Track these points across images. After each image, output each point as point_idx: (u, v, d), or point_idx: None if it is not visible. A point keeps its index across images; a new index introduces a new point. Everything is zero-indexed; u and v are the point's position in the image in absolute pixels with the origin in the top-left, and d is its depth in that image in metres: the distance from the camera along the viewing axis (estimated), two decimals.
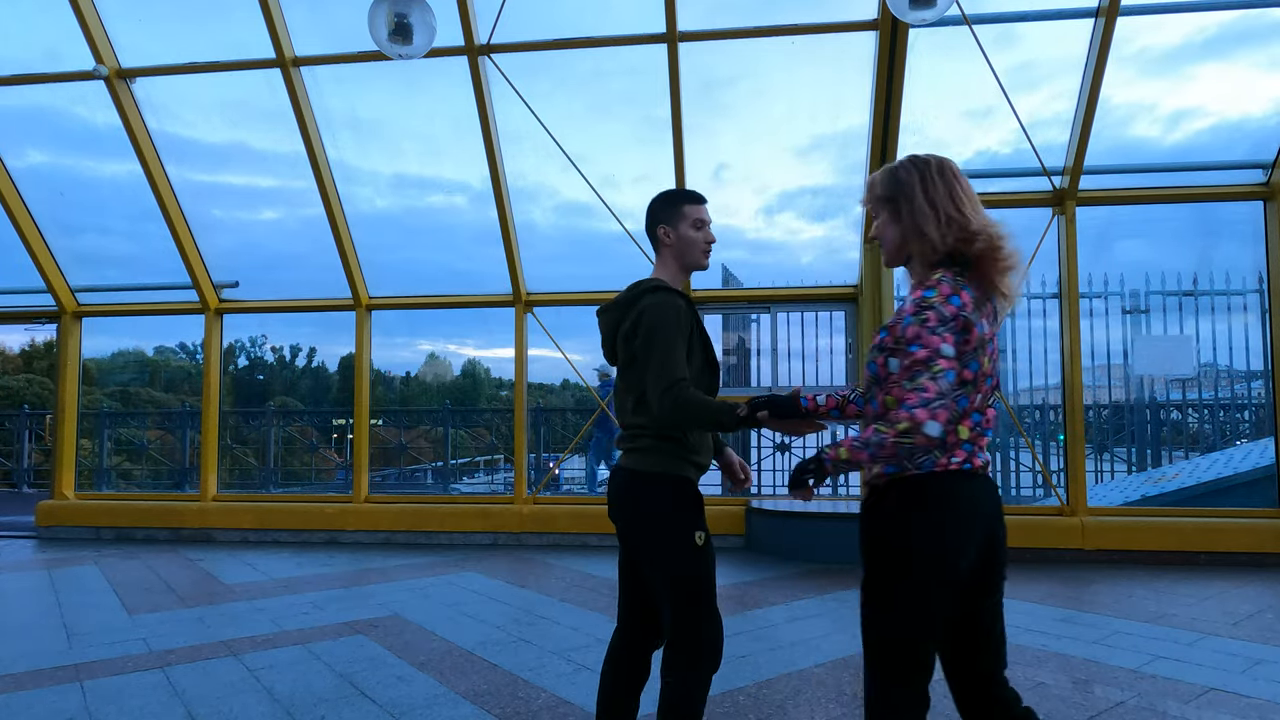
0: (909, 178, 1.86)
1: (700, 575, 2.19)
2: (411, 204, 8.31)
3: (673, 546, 2.20)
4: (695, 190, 2.45)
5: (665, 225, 2.39)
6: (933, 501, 1.79)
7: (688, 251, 2.38)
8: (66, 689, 3.44)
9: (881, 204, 1.92)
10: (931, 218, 1.81)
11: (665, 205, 2.41)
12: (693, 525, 2.21)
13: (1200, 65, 6.63)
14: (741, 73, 6.77)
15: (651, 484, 2.24)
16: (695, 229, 2.37)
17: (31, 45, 6.85)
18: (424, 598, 5.00)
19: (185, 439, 12.07)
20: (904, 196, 1.86)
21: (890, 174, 1.91)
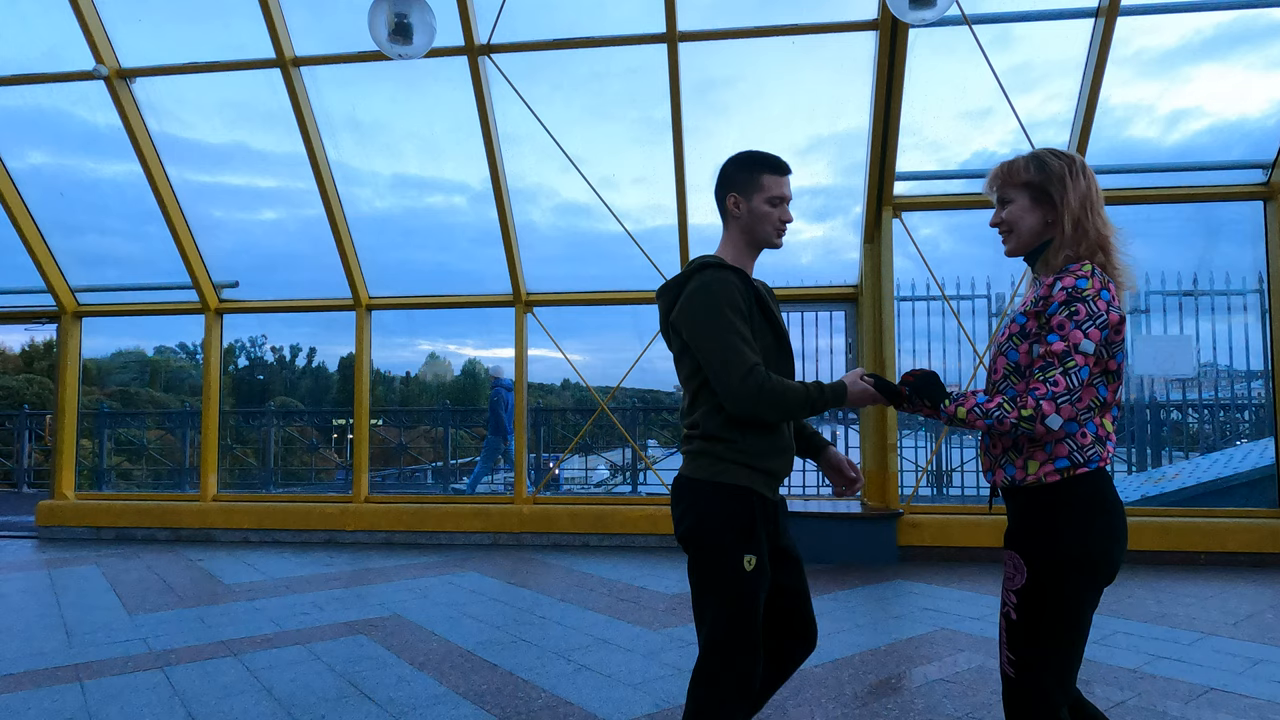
0: (1060, 167, 1.86)
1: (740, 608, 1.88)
2: (411, 205, 8.30)
3: (716, 567, 1.91)
4: (779, 157, 2.07)
5: (736, 194, 2.05)
6: (1101, 504, 1.79)
7: (757, 227, 2.04)
8: (66, 689, 3.44)
9: (1022, 189, 1.89)
10: (1081, 210, 1.82)
11: (740, 170, 2.06)
12: (741, 547, 1.89)
13: (1197, 66, 6.65)
14: (740, 74, 6.78)
15: (699, 494, 1.96)
16: (771, 205, 2.03)
17: (31, 46, 6.85)
18: (424, 598, 5.00)
19: (185, 439, 12.09)
20: (1055, 184, 1.84)
21: (1038, 160, 1.89)
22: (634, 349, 6.97)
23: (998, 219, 1.95)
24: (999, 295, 8.28)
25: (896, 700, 3.23)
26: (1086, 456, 1.77)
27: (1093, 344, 1.71)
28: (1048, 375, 1.71)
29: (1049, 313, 1.75)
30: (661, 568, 5.86)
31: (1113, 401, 1.81)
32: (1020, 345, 1.81)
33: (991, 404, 1.76)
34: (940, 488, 9.99)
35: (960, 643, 3.99)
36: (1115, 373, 1.78)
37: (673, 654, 3.84)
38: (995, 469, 1.89)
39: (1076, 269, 1.78)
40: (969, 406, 1.79)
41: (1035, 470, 1.80)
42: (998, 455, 1.88)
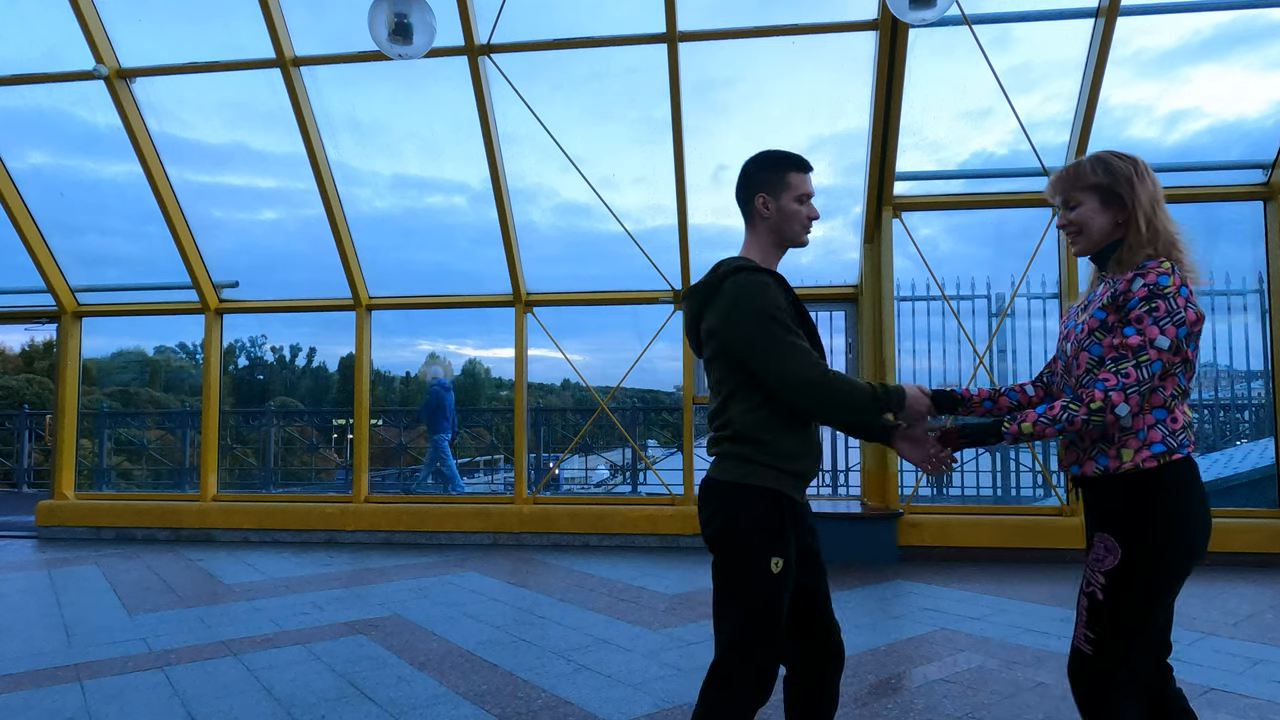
0: (1125, 168, 1.91)
1: (762, 611, 1.88)
2: (411, 205, 8.30)
3: (742, 569, 1.91)
4: (801, 155, 2.08)
5: (765, 194, 2.04)
6: (1196, 489, 1.84)
7: (786, 226, 2.05)
8: (66, 689, 3.44)
9: (1091, 191, 1.93)
10: (1151, 211, 1.87)
11: (766, 169, 2.05)
12: (768, 549, 1.89)
13: (1196, 67, 6.66)
14: (740, 74, 6.78)
15: (727, 495, 1.95)
16: (799, 202, 2.03)
17: (31, 46, 6.85)
18: (424, 598, 5.00)
19: (185, 439, 12.09)
20: (1123, 185, 1.89)
21: (1103, 162, 1.93)
22: (634, 349, 6.98)
23: (1065, 221, 1.99)
24: (999, 295, 8.27)
25: (896, 700, 3.23)
26: (1179, 441, 1.83)
27: (1168, 340, 1.76)
28: (1120, 367, 1.77)
29: (1128, 307, 1.80)
30: (661, 568, 5.86)
31: (1188, 389, 1.88)
32: (1103, 339, 1.86)
33: (1054, 410, 1.82)
34: (940, 488, 9.98)
35: (960, 643, 3.99)
36: (1191, 362, 1.85)
37: (673, 654, 3.84)
38: (1084, 461, 1.91)
39: (1156, 265, 1.82)
40: (1032, 420, 1.85)
41: (1130, 458, 1.84)
42: (1087, 447, 1.90)
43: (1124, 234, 1.90)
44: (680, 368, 6.89)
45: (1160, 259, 1.84)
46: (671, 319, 6.87)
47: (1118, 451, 1.85)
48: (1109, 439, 1.86)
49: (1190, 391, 1.87)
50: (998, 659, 3.72)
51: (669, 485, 7.03)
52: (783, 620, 1.92)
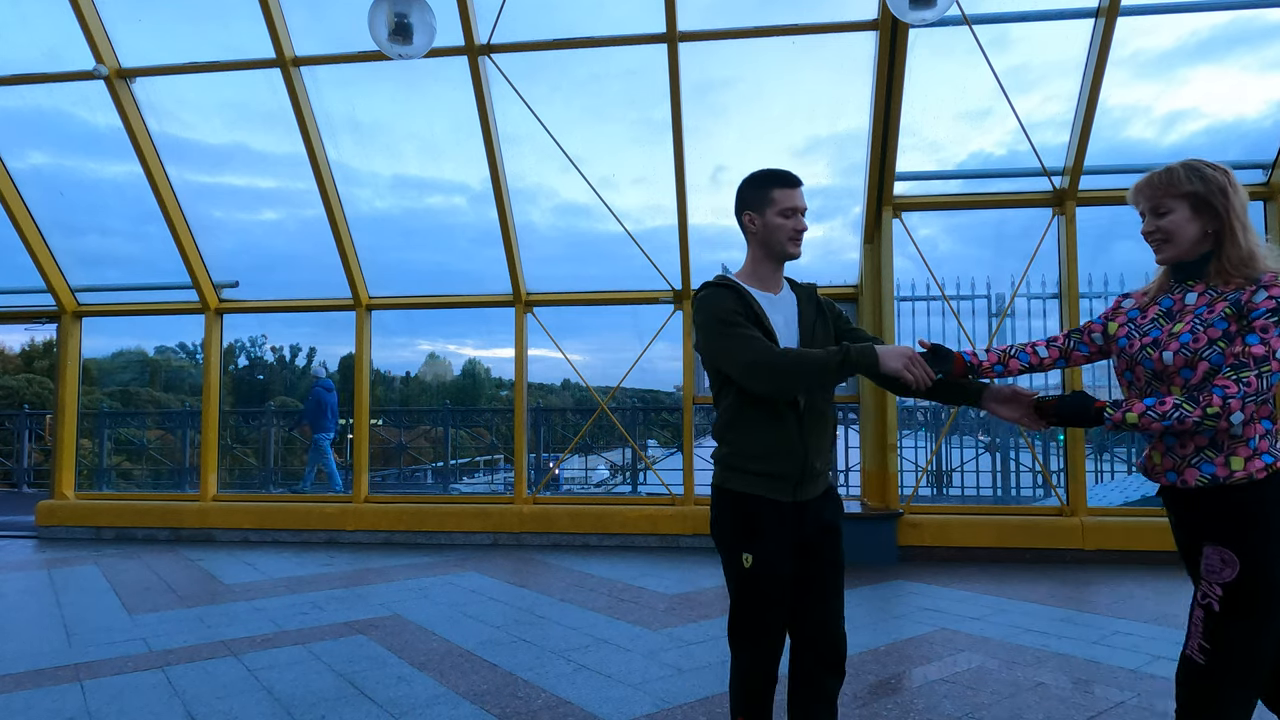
0: (1221, 178, 1.88)
1: (740, 601, 2.08)
2: (411, 205, 8.31)
3: (726, 563, 2.12)
4: (788, 172, 2.17)
5: (750, 211, 2.17)
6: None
7: (773, 239, 2.15)
8: (66, 689, 3.44)
9: (1183, 200, 1.91)
10: (1243, 222, 1.87)
11: (751, 189, 2.18)
12: (739, 546, 2.06)
13: (1194, 68, 6.67)
14: (738, 75, 6.78)
15: (714, 498, 2.17)
16: (784, 217, 2.13)
17: (32, 46, 6.85)
18: (424, 598, 5.00)
19: (185, 439, 12.09)
20: (1217, 195, 1.88)
21: (1197, 170, 1.91)
22: (634, 349, 6.98)
23: (1153, 227, 1.97)
24: (999, 295, 8.27)
25: (896, 700, 3.23)
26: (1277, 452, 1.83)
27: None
28: (1241, 375, 1.75)
29: (1253, 316, 1.78)
30: (661, 568, 5.86)
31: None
32: (1225, 349, 1.83)
33: (1165, 406, 1.80)
34: (940, 488, 9.99)
35: (960, 643, 3.99)
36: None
37: (673, 654, 3.85)
38: (1184, 469, 1.88)
39: (1275, 279, 1.81)
40: (1139, 412, 1.83)
41: (1242, 467, 1.81)
42: (1188, 455, 1.87)
43: (1212, 245, 1.89)
44: (680, 368, 6.89)
45: (1276, 274, 1.82)
46: (671, 319, 6.88)
47: (1226, 460, 1.82)
48: (1217, 446, 1.84)
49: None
50: (998, 659, 3.72)
51: (669, 485, 7.03)
52: (768, 609, 2.06)
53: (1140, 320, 1.99)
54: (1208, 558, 1.87)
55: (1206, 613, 1.87)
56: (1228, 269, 1.87)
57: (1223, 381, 1.77)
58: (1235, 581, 1.81)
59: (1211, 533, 1.87)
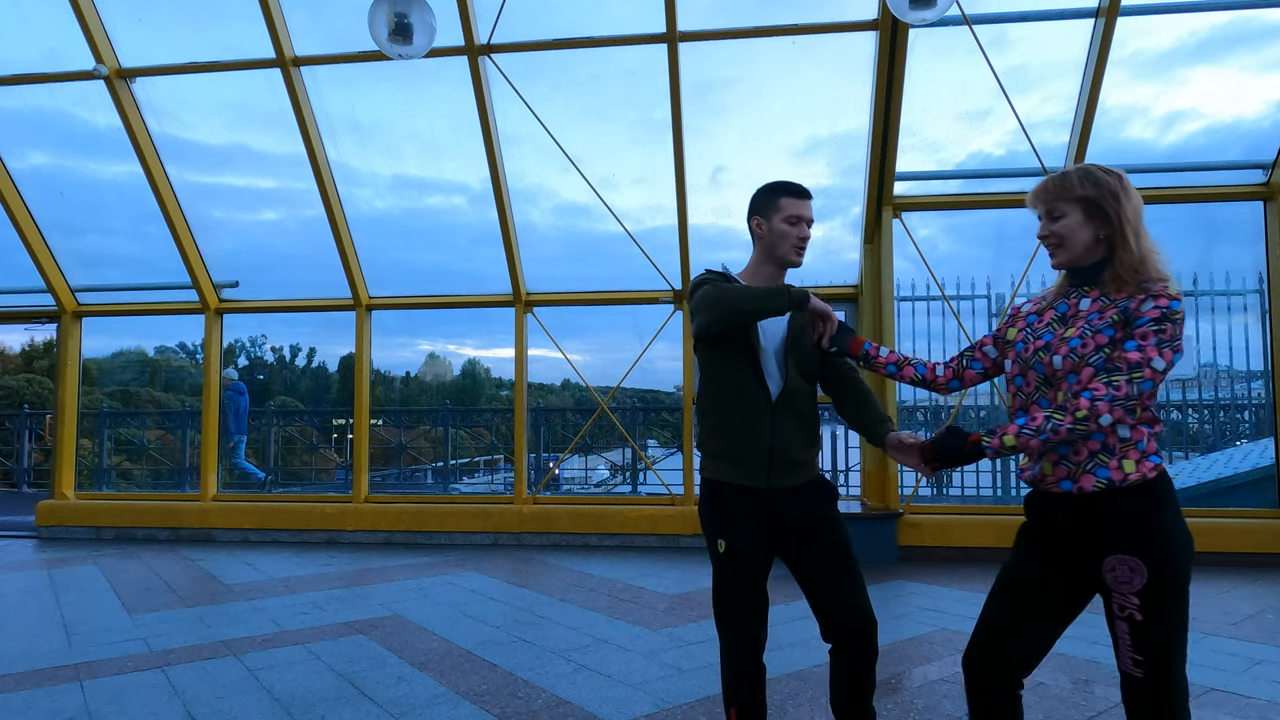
0: (1114, 183, 1.89)
1: (716, 584, 2.23)
2: (411, 205, 8.31)
3: (709, 551, 2.27)
4: (798, 184, 2.30)
5: (758, 217, 2.31)
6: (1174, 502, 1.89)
7: (777, 245, 2.28)
8: (66, 689, 3.44)
9: (1076, 204, 1.92)
10: (1135, 228, 1.86)
11: (762, 196, 2.32)
12: (713, 531, 2.23)
13: (1193, 68, 6.67)
14: (738, 75, 6.78)
15: (700, 486, 2.34)
16: (789, 224, 2.26)
17: (32, 47, 6.86)
18: (424, 598, 5.00)
19: (185, 439, 12.09)
20: (1109, 200, 1.88)
21: (1090, 175, 1.91)
22: (634, 349, 6.98)
23: (1047, 231, 1.97)
24: (999, 295, 8.27)
25: (896, 700, 3.23)
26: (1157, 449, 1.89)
27: (1164, 364, 1.78)
28: (1112, 379, 1.78)
29: (1137, 324, 1.80)
30: (661, 568, 5.86)
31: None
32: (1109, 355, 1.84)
33: (1037, 421, 1.82)
34: (940, 488, 9.99)
35: (960, 643, 3.99)
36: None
37: (672, 654, 3.85)
38: (1079, 476, 1.87)
39: (1166, 290, 1.81)
40: (1014, 433, 1.84)
41: (1134, 469, 1.83)
42: (1082, 461, 1.87)
43: (1105, 251, 1.90)
44: (680, 368, 6.89)
45: (1166, 283, 1.83)
46: (671, 319, 6.88)
47: (1119, 463, 1.83)
48: (1109, 450, 1.84)
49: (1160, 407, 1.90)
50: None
51: (669, 485, 7.03)
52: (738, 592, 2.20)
53: (1036, 324, 2.01)
54: (1115, 569, 1.87)
55: (1130, 625, 1.88)
56: (1121, 274, 1.87)
57: (1092, 385, 1.80)
58: (1147, 587, 1.83)
59: (1112, 542, 1.86)
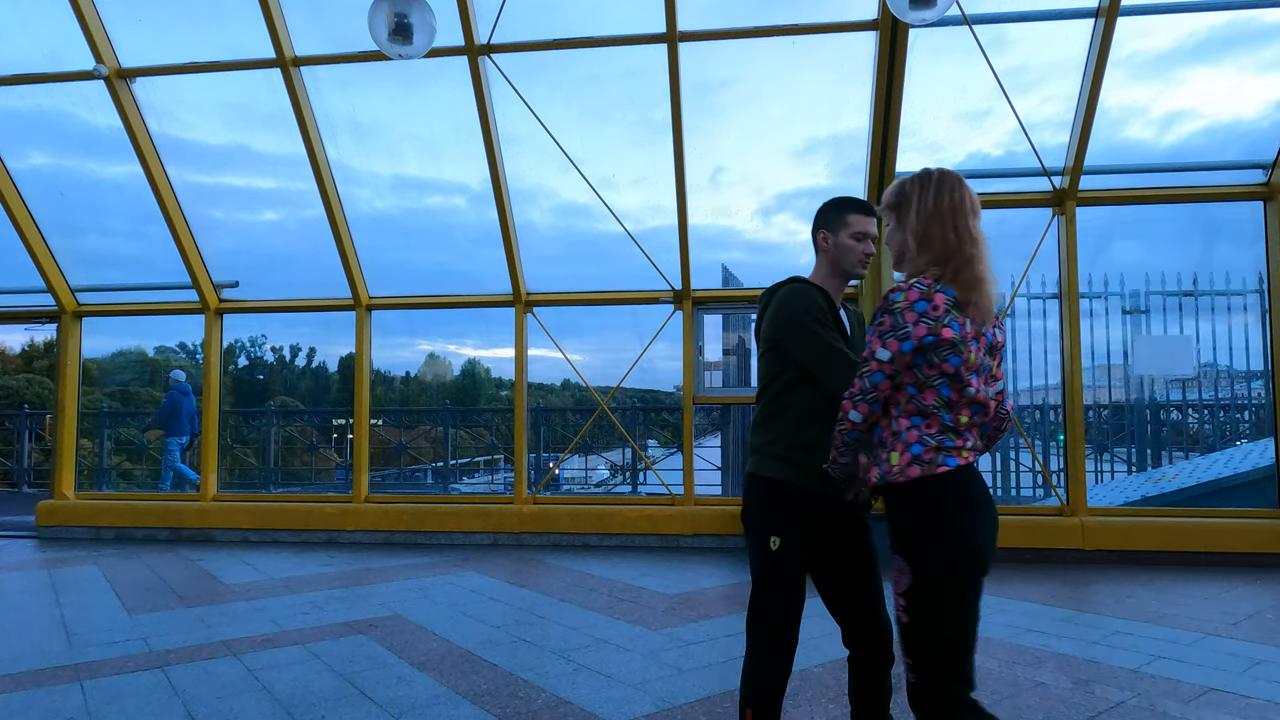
0: (912, 190, 2.00)
1: (764, 582, 2.23)
2: (411, 205, 8.32)
3: (752, 549, 2.27)
4: (866, 201, 2.40)
5: (825, 230, 2.37)
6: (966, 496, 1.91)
7: (843, 259, 2.34)
8: (66, 689, 3.44)
9: (890, 212, 2.06)
10: (925, 224, 1.94)
11: (830, 211, 2.38)
12: (766, 529, 2.24)
13: (1191, 69, 6.68)
14: (737, 75, 6.78)
15: (748, 484, 2.34)
16: (855, 239, 2.33)
17: (33, 47, 6.86)
18: (424, 598, 5.00)
19: None
20: (904, 204, 2.01)
21: (899, 184, 2.05)
22: (634, 349, 6.98)
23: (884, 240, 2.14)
24: (999, 295, 8.27)
25: (897, 700, 3.22)
26: (939, 443, 1.88)
27: (889, 354, 1.87)
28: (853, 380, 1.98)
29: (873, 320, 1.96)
30: (661, 568, 5.86)
31: (963, 399, 1.89)
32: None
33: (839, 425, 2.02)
34: None
35: None
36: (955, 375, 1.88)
37: (673, 654, 3.85)
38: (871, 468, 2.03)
39: (904, 282, 1.92)
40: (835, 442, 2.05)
41: (897, 460, 1.91)
42: (877, 454, 2.00)
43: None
44: (680, 368, 6.89)
45: (924, 274, 1.90)
46: (671, 319, 6.88)
47: (888, 455, 1.94)
48: (884, 443, 1.96)
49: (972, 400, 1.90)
50: (998, 659, 3.72)
51: (669, 485, 7.03)
52: (789, 592, 2.22)
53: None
54: (894, 567, 1.95)
55: (900, 627, 1.93)
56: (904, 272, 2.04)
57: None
58: (910, 589, 1.88)
59: (892, 539, 1.95)
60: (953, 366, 1.86)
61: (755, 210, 11.49)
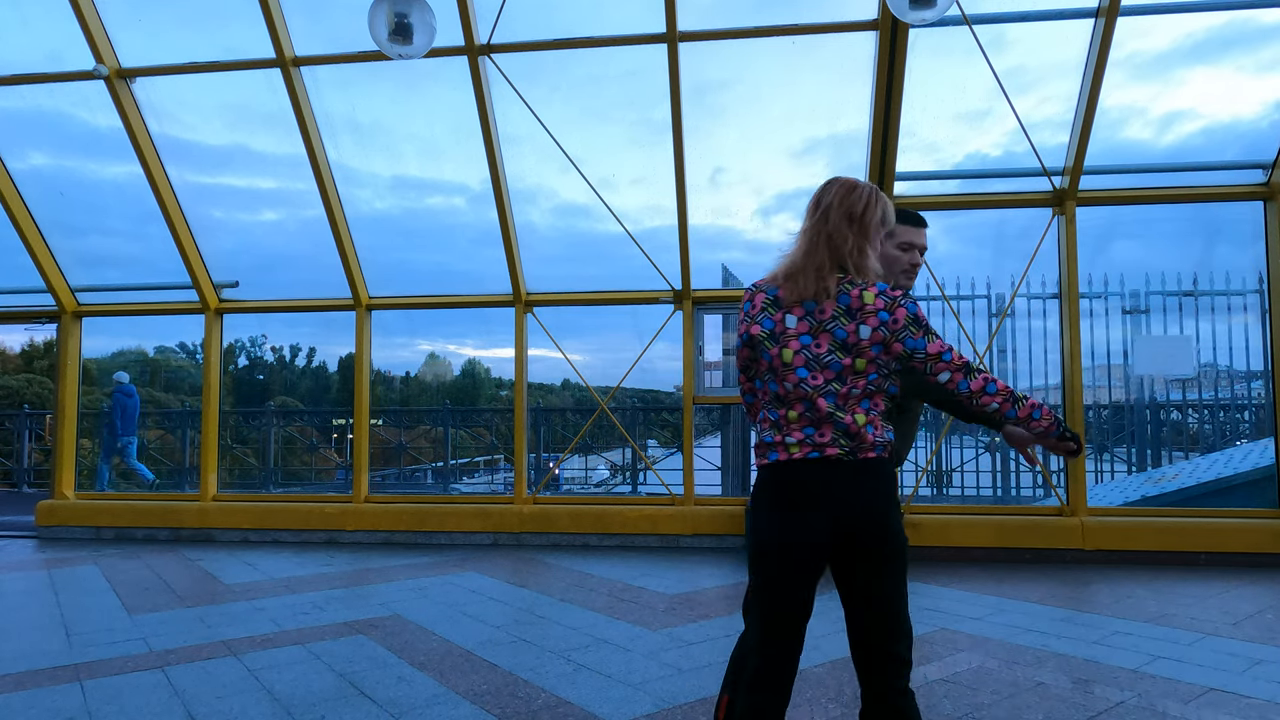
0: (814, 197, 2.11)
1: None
2: (411, 205, 8.32)
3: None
4: (917, 213, 2.41)
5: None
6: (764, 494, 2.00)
7: (889, 268, 2.34)
8: (66, 689, 3.44)
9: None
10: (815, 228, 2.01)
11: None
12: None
13: (1189, 69, 6.69)
14: (736, 76, 6.79)
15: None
16: (901, 250, 2.34)
17: (33, 48, 6.87)
18: (424, 598, 5.00)
19: (185, 439, 12.10)
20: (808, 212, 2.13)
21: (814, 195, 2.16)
22: (634, 349, 6.98)
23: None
24: (999, 295, 8.28)
25: None
26: (763, 438, 1.99)
27: (739, 343, 2.06)
28: None
29: None
30: (661, 568, 5.86)
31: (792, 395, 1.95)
32: None
33: None
34: (940, 488, 10.00)
35: (960, 643, 3.99)
36: (774, 369, 1.97)
37: (672, 654, 3.85)
38: None
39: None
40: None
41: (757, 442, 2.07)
42: None
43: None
44: (680, 368, 6.89)
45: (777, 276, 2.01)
46: (671, 319, 6.88)
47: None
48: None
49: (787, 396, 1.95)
50: (997, 659, 3.72)
51: (669, 485, 7.03)
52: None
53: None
54: None
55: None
56: None
57: None
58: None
59: None
60: (766, 361, 1.97)
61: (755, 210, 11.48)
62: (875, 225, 1.99)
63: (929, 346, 1.89)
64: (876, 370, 1.92)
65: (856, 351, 1.90)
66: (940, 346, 1.89)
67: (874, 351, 1.90)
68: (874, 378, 1.93)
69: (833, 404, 1.91)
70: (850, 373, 1.91)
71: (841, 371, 1.91)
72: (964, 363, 1.90)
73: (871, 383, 1.93)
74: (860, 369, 1.91)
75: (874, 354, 1.90)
